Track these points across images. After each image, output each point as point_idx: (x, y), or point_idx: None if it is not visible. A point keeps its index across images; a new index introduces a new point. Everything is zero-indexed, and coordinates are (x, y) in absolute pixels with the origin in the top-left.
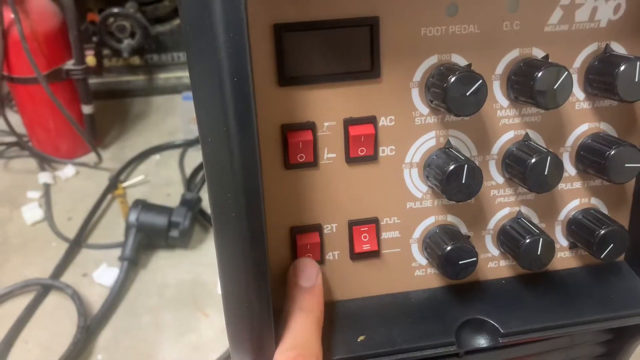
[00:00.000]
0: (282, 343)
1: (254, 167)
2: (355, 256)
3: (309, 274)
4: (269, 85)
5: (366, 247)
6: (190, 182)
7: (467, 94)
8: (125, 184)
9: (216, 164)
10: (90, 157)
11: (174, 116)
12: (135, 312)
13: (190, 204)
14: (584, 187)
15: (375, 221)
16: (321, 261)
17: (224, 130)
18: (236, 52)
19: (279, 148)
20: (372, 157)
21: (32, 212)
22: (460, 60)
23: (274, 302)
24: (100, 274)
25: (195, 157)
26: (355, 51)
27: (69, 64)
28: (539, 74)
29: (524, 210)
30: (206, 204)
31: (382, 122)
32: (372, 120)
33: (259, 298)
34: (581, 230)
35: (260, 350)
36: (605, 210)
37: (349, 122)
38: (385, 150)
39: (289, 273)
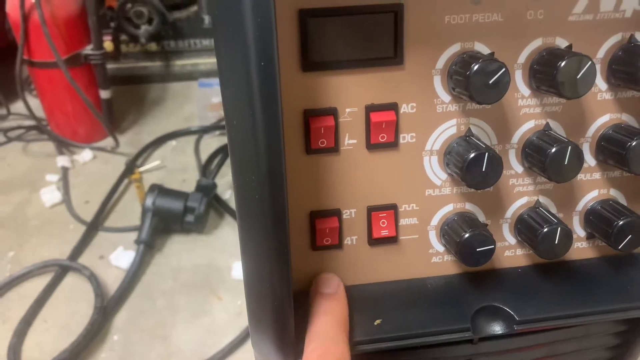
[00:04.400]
0: (308, 343)
1: (277, 150)
2: (373, 241)
3: (330, 282)
4: (293, 70)
5: (384, 233)
6: (205, 168)
7: (490, 81)
8: (141, 169)
9: (241, 147)
10: (108, 142)
11: (190, 103)
12: (151, 294)
13: (205, 189)
14: (603, 178)
15: (393, 207)
16: (339, 246)
17: (250, 114)
18: (263, 36)
19: (301, 133)
20: (393, 144)
21: (50, 195)
22: (483, 49)
23: (293, 286)
24: (116, 256)
25: (210, 143)
26: (378, 38)
27: (88, 49)
28: (562, 64)
29: (542, 199)
30: (221, 190)
31: (404, 109)
32: (393, 107)
33: (280, 280)
34: (599, 220)
35: (281, 331)
36: (624, 202)
37: (370, 109)
38: (405, 137)
39: (311, 287)
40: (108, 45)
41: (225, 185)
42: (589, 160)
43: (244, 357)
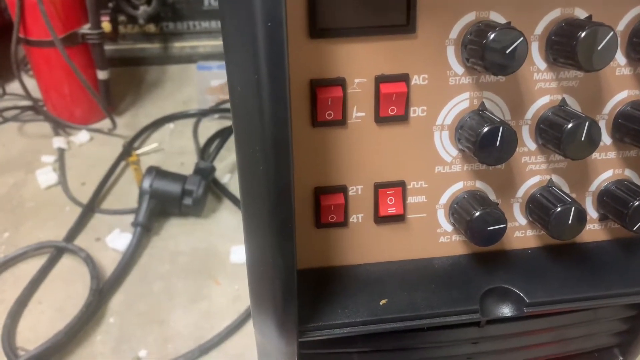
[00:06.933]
0: None
1: (284, 119)
2: (380, 220)
3: None
4: (299, 37)
5: (391, 211)
6: (204, 152)
7: (507, 51)
8: (139, 152)
9: (245, 115)
10: (105, 124)
11: (188, 86)
12: (148, 278)
13: (204, 173)
14: (618, 157)
15: (401, 184)
16: (344, 223)
17: (255, 79)
18: None
19: (307, 104)
20: (403, 118)
21: (46, 176)
22: (498, 18)
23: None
24: (113, 238)
25: (209, 127)
26: (390, 4)
27: (85, 28)
28: (583, 34)
29: (555, 179)
30: (220, 174)
31: (415, 80)
32: (404, 78)
33: (284, 256)
34: (614, 201)
35: (284, 311)
36: (639, 183)
37: (380, 80)
38: (416, 111)
39: None
40: (106, 26)
41: (224, 168)
42: (605, 138)
43: (242, 342)
